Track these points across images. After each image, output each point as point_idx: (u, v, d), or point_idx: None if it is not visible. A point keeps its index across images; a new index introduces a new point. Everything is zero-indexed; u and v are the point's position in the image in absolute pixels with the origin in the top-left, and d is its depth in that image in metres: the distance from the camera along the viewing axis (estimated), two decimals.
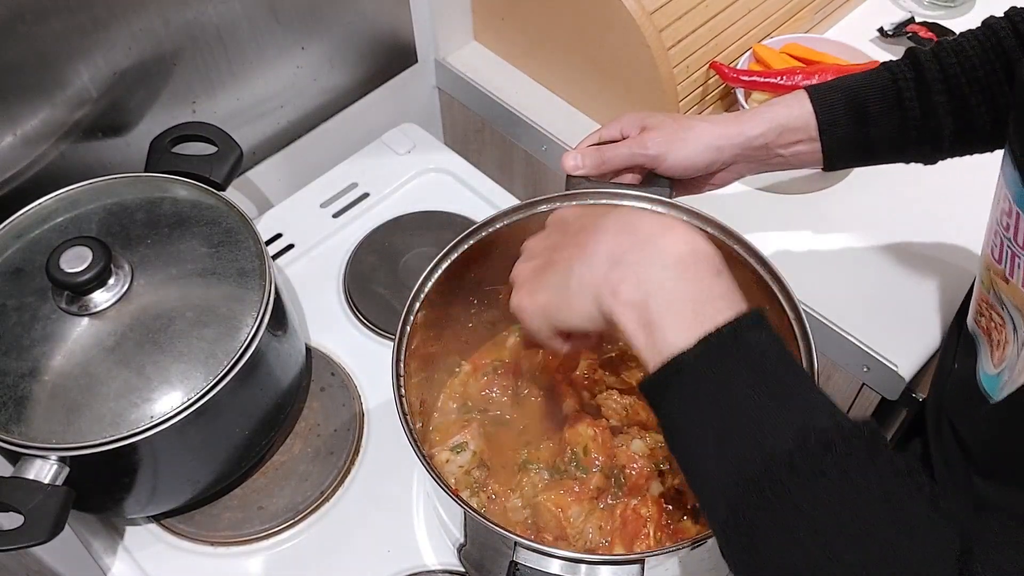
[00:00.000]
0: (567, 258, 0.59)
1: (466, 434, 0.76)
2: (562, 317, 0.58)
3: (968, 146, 0.77)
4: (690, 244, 0.54)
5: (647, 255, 0.54)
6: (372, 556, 0.79)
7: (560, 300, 0.58)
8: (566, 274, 0.58)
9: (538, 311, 0.60)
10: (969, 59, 0.73)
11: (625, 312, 0.53)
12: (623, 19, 0.98)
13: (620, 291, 0.54)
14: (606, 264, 0.55)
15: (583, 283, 0.56)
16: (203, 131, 0.87)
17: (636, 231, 0.56)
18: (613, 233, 0.57)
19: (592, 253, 0.57)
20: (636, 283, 0.53)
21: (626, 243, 0.56)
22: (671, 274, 0.53)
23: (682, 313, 0.52)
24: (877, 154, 0.78)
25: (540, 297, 0.60)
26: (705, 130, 0.77)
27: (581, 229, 0.60)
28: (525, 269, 0.63)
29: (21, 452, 0.69)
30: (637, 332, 0.53)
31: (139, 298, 0.74)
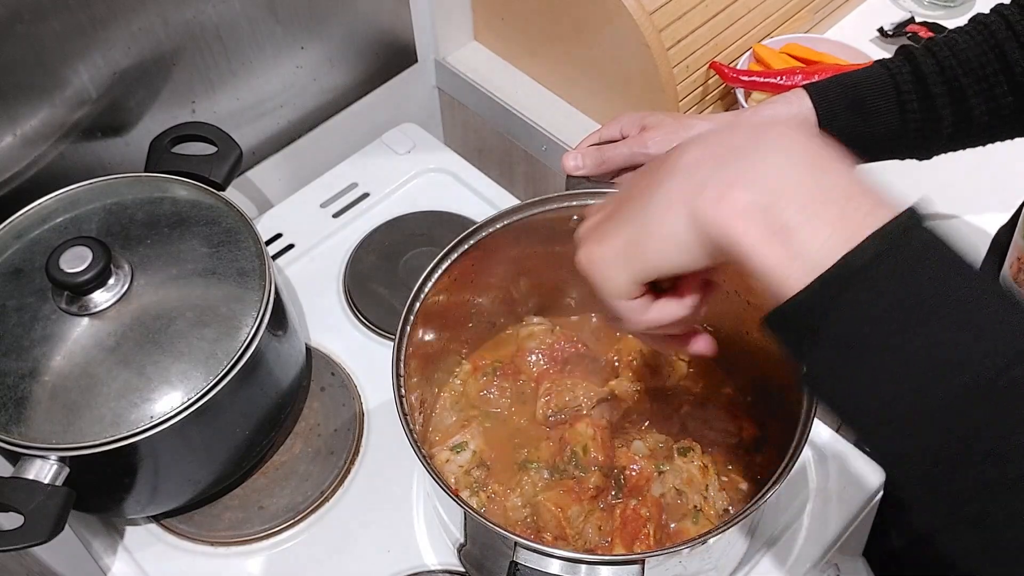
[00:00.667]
0: (640, 191, 0.47)
1: (466, 434, 0.76)
2: (646, 254, 0.46)
3: (965, 139, 0.77)
4: (805, 132, 0.44)
5: (757, 151, 0.43)
6: (372, 556, 0.79)
7: (641, 232, 0.46)
8: (644, 202, 0.46)
9: (614, 257, 0.47)
10: (963, 51, 0.74)
11: (741, 222, 0.42)
12: (623, 19, 0.98)
13: (730, 196, 0.42)
14: (702, 173, 0.44)
15: (672, 202, 0.44)
16: (203, 131, 0.87)
17: (731, 132, 0.45)
18: (698, 144, 0.45)
19: (679, 168, 0.45)
20: (752, 182, 0.42)
21: (720, 145, 0.45)
22: (798, 165, 0.42)
23: (826, 211, 0.41)
24: (876, 149, 0.78)
25: (614, 240, 0.47)
26: (705, 128, 0.77)
27: (652, 167, 0.48)
28: (588, 225, 0.51)
29: (21, 452, 0.69)
30: (764, 244, 0.41)
31: (139, 298, 0.74)
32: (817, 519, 0.79)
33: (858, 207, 0.41)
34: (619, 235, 0.47)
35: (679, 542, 0.60)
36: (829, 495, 0.80)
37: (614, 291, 0.48)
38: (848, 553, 0.83)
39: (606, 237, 0.48)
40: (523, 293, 0.82)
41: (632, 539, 0.69)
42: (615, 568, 0.57)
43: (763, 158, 0.43)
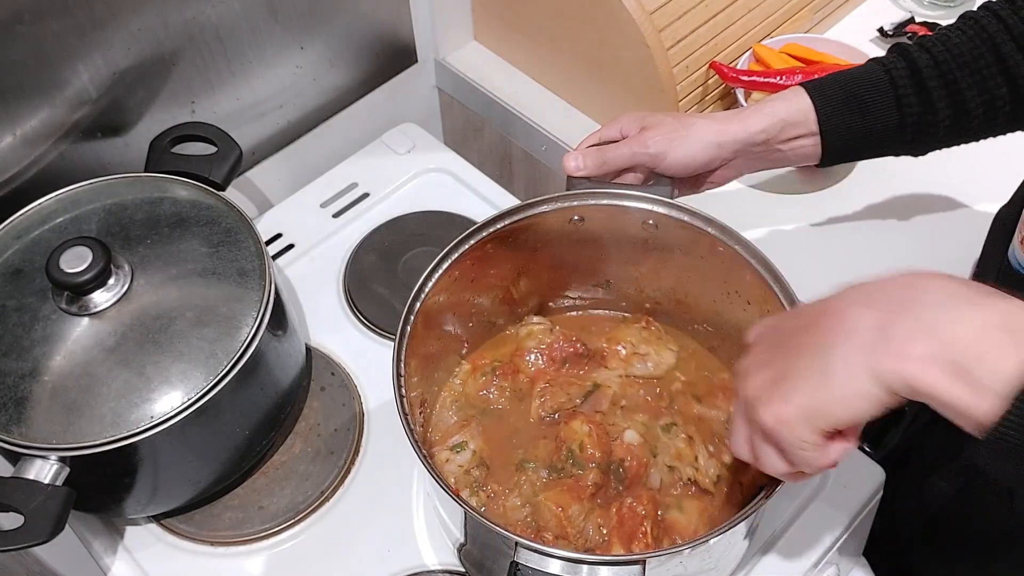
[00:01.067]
0: (814, 347, 0.51)
1: (465, 433, 0.76)
2: (835, 412, 0.50)
3: (961, 134, 0.78)
4: (951, 277, 0.48)
5: (918, 304, 0.47)
6: (372, 556, 0.79)
7: (824, 391, 0.50)
8: (823, 361, 0.50)
9: (801, 416, 0.51)
10: (956, 46, 0.75)
11: (926, 369, 0.46)
12: (623, 19, 0.98)
13: (910, 350, 0.46)
14: (872, 332, 0.48)
15: (850, 362, 0.48)
16: (203, 131, 0.87)
17: (887, 289, 0.49)
18: (864, 303, 0.50)
19: (850, 329, 0.49)
20: (926, 333, 0.46)
21: (883, 304, 0.49)
22: (959, 310, 0.46)
23: (997, 341, 0.45)
24: (874, 145, 0.79)
25: (799, 399, 0.51)
26: (705, 127, 0.77)
27: (810, 321, 0.53)
28: (759, 382, 0.54)
29: (21, 452, 0.69)
30: (950, 386, 0.45)
31: (139, 298, 0.74)
32: (817, 519, 0.79)
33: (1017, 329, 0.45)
34: (801, 395, 0.51)
35: (680, 543, 0.60)
36: (829, 495, 0.80)
37: (802, 445, 0.52)
38: (848, 553, 0.83)
39: (788, 399, 0.52)
40: (523, 293, 0.82)
41: (630, 537, 0.69)
42: (616, 568, 0.57)
43: (926, 309, 0.47)
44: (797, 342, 0.52)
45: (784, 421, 0.52)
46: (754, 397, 0.54)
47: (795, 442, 0.52)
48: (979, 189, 0.98)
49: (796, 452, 0.52)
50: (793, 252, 0.96)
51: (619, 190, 0.75)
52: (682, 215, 0.73)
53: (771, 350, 0.55)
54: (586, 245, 0.79)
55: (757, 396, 0.54)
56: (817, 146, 0.78)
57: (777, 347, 0.54)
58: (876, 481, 0.81)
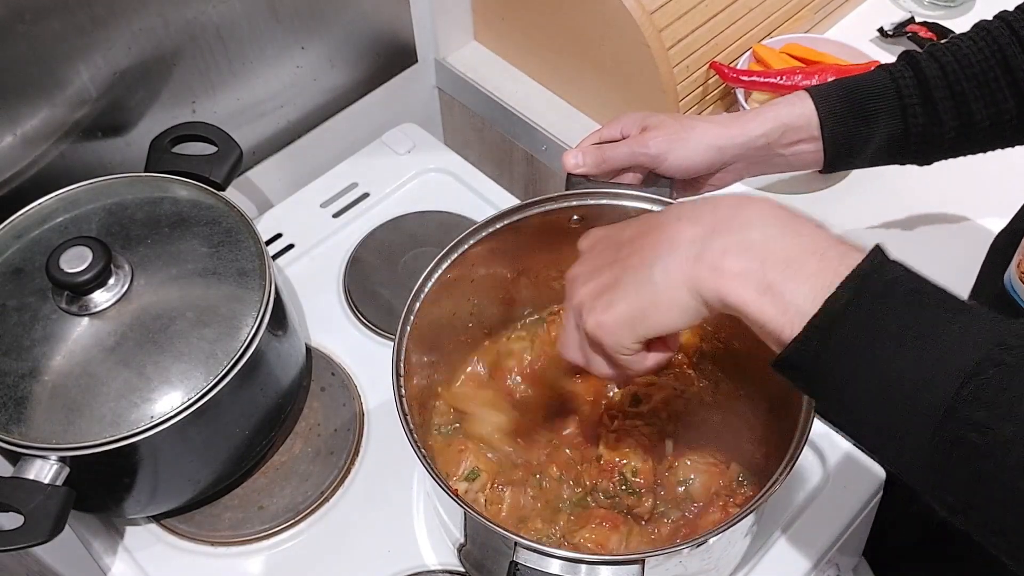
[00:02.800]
0: (638, 261, 0.53)
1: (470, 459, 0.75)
2: (653, 320, 0.52)
3: (967, 145, 0.77)
4: (775, 204, 0.50)
5: (739, 223, 0.50)
6: (372, 556, 0.79)
7: (646, 302, 0.52)
8: (646, 272, 0.52)
9: (621, 322, 0.54)
10: (965, 56, 0.74)
11: (737, 284, 0.48)
12: (623, 19, 0.98)
13: (724, 265, 0.49)
14: (695, 246, 0.50)
15: (671, 274, 0.51)
16: (203, 131, 0.87)
17: (715, 208, 0.51)
18: (688, 220, 0.52)
19: (672, 242, 0.51)
20: (740, 251, 0.49)
21: (707, 221, 0.51)
22: (776, 231, 0.49)
23: (805, 266, 0.47)
24: (877, 154, 0.78)
25: (620, 307, 0.54)
26: (706, 130, 0.77)
27: (637, 234, 0.55)
28: (587, 290, 0.56)
29: (21, 452, 0.69)
30: (757, 300, 0.48)
31: (139, 298, 0.74)
32: (817, 519, 0.79)
33: (832, 256, 0.47)
34: (624, 304, 0.53)
35: (679, 543, 0.60)
36: (829, 495, 0.80)
37: (622, 350, 0.55)
38: (848, 553, 0.83)
39: (612, 306, 0.54)
40: (523, 293, 0.82)
41: None
42: (615, 568, 0.57)
43: (746, 229, 0.49)
44: (626, 254, 0.54)
45: (605, 327, 0.54)
46: (581, 304, 0.56)
47: (616, 347, 0.54)
48: (980, 193, 0.98)
49: (618, 356, 0.55)
50: None
51: (619, 190, 0.75)
52: None
53: (600, 259, 0.57)
54: None
55: (584, 303, 0.56)
56: (819, 152, 0.77)
57: (606, 257, 0.56)
58: (876, 481, 0.81)
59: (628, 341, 0.54)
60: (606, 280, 0.55)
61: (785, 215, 0.50)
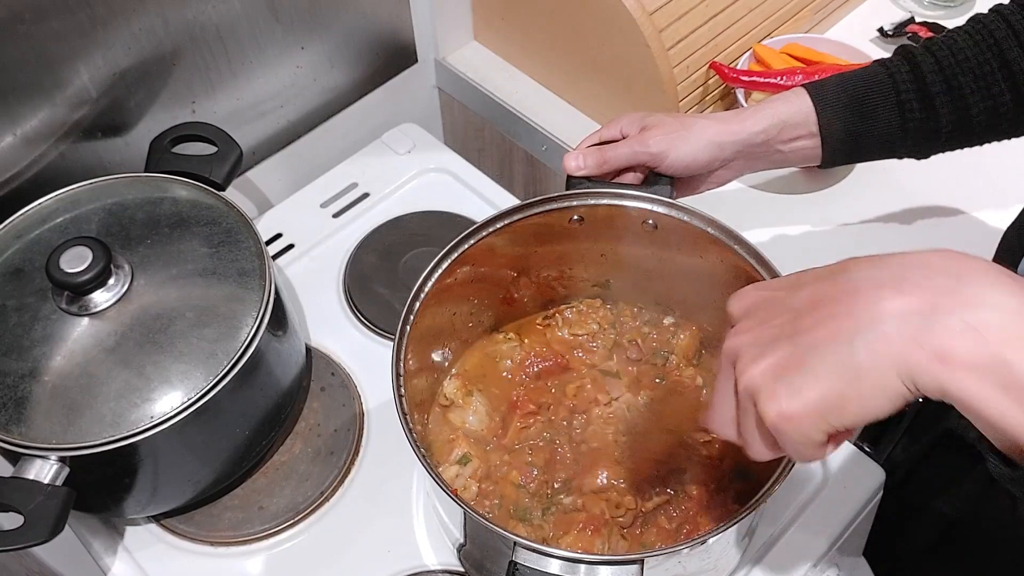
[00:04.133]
0: (830, 334, 0.44)
1: (461, 444, 0.75)
2: (854, 410, 0.43)
3: (963, 139, 0.77)
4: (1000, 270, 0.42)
5: (966, 297, 0.41)
6: (372, 556, 0.79)
7: (845, 388, 0.43)
8: (844, 352, 0.43)
9: (812, 411, 0.44)
10: (962, 51, 0.74)
11: (972, 378, 0.40)
12: (623, 19, 0.98)
13: (954, 351, 0.40)
14: (906, 321, 0.41)
15: (879, 357, 0.42)
16: (203, 131, 0.87)
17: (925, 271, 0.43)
18: (892, 287, 0.43)
19: (876, 315, 0.43)
20: (973, 333, 0.40)
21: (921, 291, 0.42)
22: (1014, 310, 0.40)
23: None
24: (875, 148, 0.78)
25: (811, 394, 0.44)
26: (706, 127, 0.77)
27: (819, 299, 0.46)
28: (764, 370, 0.46)
29: (21, 452, 0.69)
30: (997, 399, 0.39)
31: (139, 298, 0.74)
32: (817, 519, 0.79)
33: None
34: (817, 389, 0.44)
35: (679, 542, 0.60)
36: (829, 495, 0.80)
37: (805, 445, 0.46)
38: (848, 553, 0.83)
39: (801, 392, 0.45)
40: (523, 293, 0.82)
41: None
42: (615, 568, 0.57)
43: (978, 306, 0.41)
44: (808, 325, 0.45)
45: (791, 418, 0.45)
46: (756, 387, 0.47)
47: (800, 439, 0.45)
48: (981, 188, 0.98)
49: (793, 447, 0.47)
50: (793, 252, 0.96)
51: (619, 190, 0.75)
52: (682, 215, 0.73)
53: (772, 329, 0.48)
54: (586, 245, 0.79)
55: (761, 385, 0.46)
56: (817, 148, 0.78)
57: (779, 326, 0.47)
58: (876, 481, 0.81)
59: (817, 434, 0.45)
60: (787, 356, 0.46)
61: (1017, 286, 0.41)
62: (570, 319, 0.84)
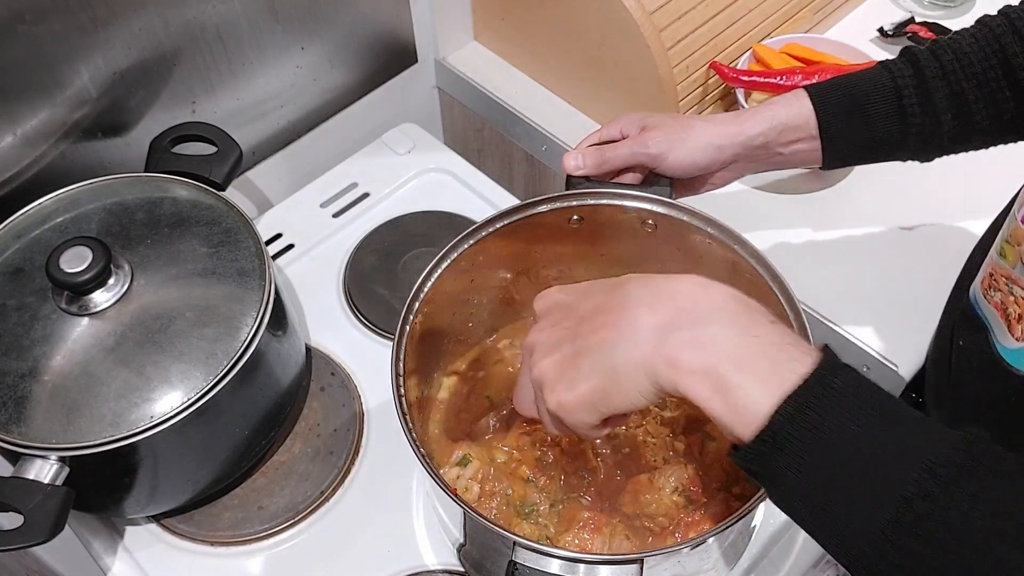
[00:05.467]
0: (599, 340, 0.54)
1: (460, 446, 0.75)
2: (612, 402, 0.54)
3: (966, 143, 0.77)
4: (732, 295, 0.52)
5: (697, 317, 0.51)
6: (372, 556, 0.79)
7: (607, 385, 0.54)
8: (607, 356, 0.53)
9: (583, 403, 0.55)
10: (966, 55, 0.74)
11: (693, 381, 0.50)
12: (623, 19, 0.98)
13: (681, 360, 0.50)
14: (654, 336, 0.52)
15: (631, 361, 0.52)
16: (203, 131, 0.87)
17: (673, 296, 0.53)
18: (648, 304, 0.53)
19: (633, 328, 0.53)
20: (696, 348, 0.50)
21: (668, 310, 0.52)
22: (731, 331, 0.50)
23: (757, 369, 0.49)
24: (876, 152, 0.78)
25: (582, 387, 0.55)
26: (705, 129, 0.77)
27: (599, 308, 0.56)
28: (548, 365, 0.57)
29: (21, 452, 0.69)
30: (711, 399, 0.49)
31: (139, 298, 0.74)
32: None
33: (782, 361, 0.48)
34: (586, 384, 0.54)
35: (679, 542, 0.60)
36: None
37: (583, 426, 0.56)
38: None
39: (574, 386, 0.55)
40: (522, 293, 0.82)
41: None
42: (614, 567, 0.57)
43: (703, 324, 0.51)
44: (586, 331, 0.55)
45: (567, 407, 0.55)
46: (542, 378, 0.57)
47: (576, 423, 0.56)
48: (980, 191, 0.98)
49: (576, 427, 0.57)
50: (792, 252, 0.96)
51: (619, 190, 0.75)
52: (682, 215, 0.73)
53: (559, 331, 0.57)
54: (586, 245, 0.79)
55: (545, 378, 0.57)
56: (817, 150, 0.77)
57: (565, 329, 0.57)
58: None
59: (589, 418, 0.56)
60: (567, 355, 0.56)
61: (741, 309, 0.51)
62: None
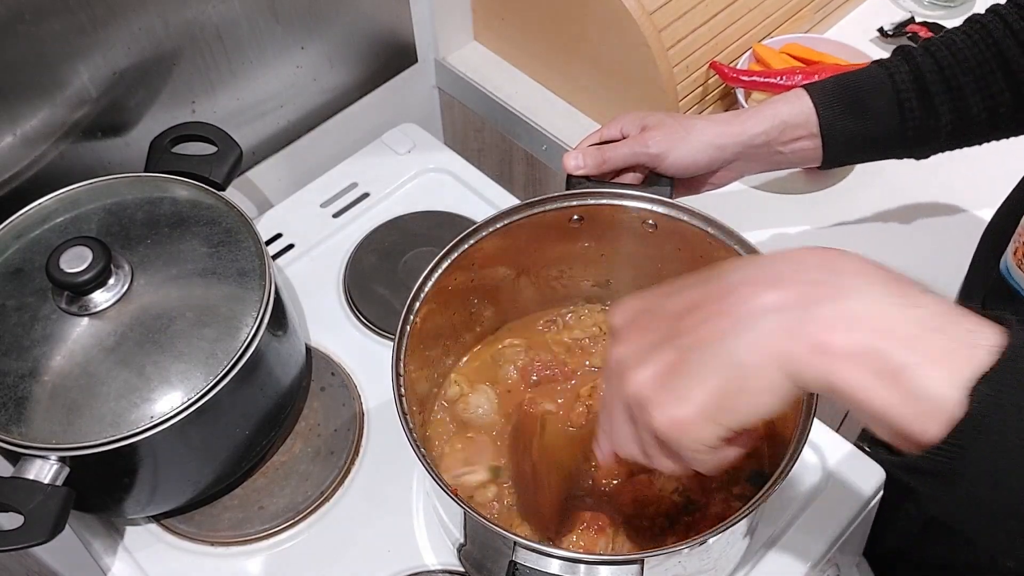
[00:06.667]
0: (710, 333, 0.44)
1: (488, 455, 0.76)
2: (739, 410, 0.43)
3: (964, 138, 0.77)
4: (870, 261, 0.43)
5: (838, 288, 0.41)
6: (372, 556, 0.79)
7: (732, 387, 0.43)
8: (725, 351, 0.43)
9: (701, 414, 0.44)
10: (960, 50, 0.74)
11: (849, 368, 0.40)
12: (623, 19, 0.98)
13: (832, 343, 0.40)
14: (786, 318, 0.42)
15: (759, 352, 0.42)
16: (203, 131, 0.87)
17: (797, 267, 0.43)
18: (766, 284, 0.43)
19: (753, 312, 0.43)
20: (849, 326, 0.40)
21: (796, 284, 0.42)
22: (887, 303, 0.41)
23: (932, 347, 0.39)
24: (875, 148, 0.79)
25: (697, 395, 0.44)
26: (706, 128, 0.77)
27: (696, 301, 0.46)
28: (646, 377, 0.45)
29: (21, 452, 0.69)
30: (876, 387, 0.40)
31: (139, 298, 0.74)
32: (817, 519, 0.79)
33: (958, 335, 0.39)
34: (703, 392, 0.44)
35: (679, 542, 0.60)
36: (829, 495, 0.80)
37: (701, 449, 0.45)
38: (848, 553, 0.83)
39: (687, 396, 0.44)
40: (523, 293, 0.82)
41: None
42: (614, 568, 0.57)
43: (849, 296, 0.41)
44: (688, 326, 0.45)
45: (681, 424, 0.44)
46: (640, 396, 0.46)
47: (694, 446, 0.45)
48: (980, 189, 0.98)
49: (695, 456, 0.46)
50: None
51: (619, 190, 0.75)
52: (682, 215, 0.73)
53: (650, 335, 0.47)
54: (586, 245, 0.79)
55: (644, 395, 0.45)
56: (818, 148, 0.78)
57: (658, 332, 0.46)
58: (876, 481, 0.81)
59: (710, 437, 0.44)
60: (668, 361, 0.45)
61: (888, 277, 0.42)
62: (570, 323, 0.84)
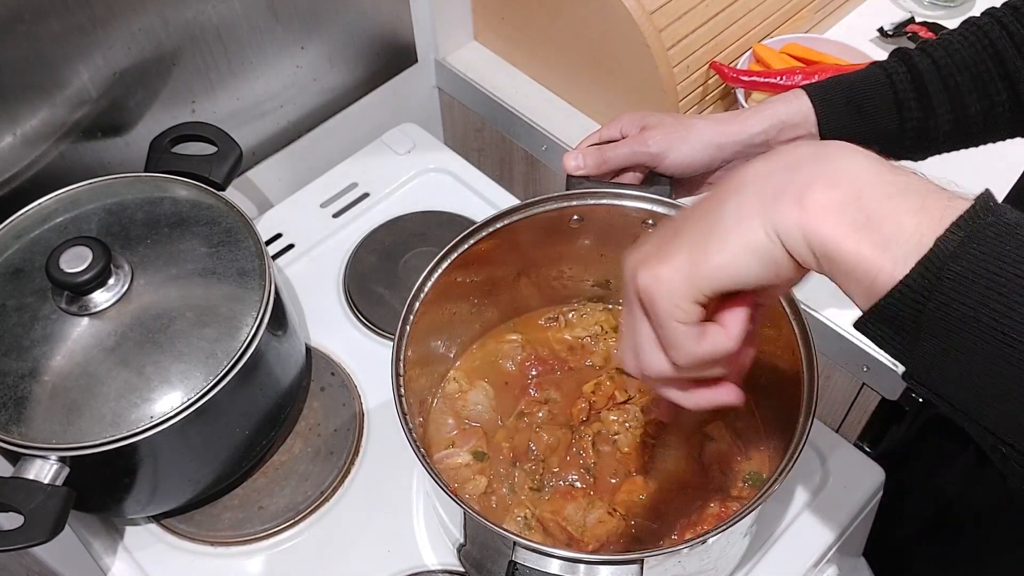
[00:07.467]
0: (702, 210, 0.46)
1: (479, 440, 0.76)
2: (716, 263, 0.44)
3: (961, 139, 0.78)
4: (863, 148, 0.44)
5: (824, 156, 0.43)
6: (372, 556, 0.79)
7: (709, 244, 0.44)
8: (713, 216, 0.44)
9: (680, 273, 0.45)
10: (957, 51, 0.74)
11: (829, 217, 0.41)
12: (623, 19, 0.98)
13: (812, 197, 0.41)
14: (773, 179, 0.43)
15: (743, 212, 0.43)
16: (203, 131, 0.87)
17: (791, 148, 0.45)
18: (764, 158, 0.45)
19: (744, 180, 0.44)
20: (830, 182, 0.42)
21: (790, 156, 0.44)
22: (869, 164, 0.42)
23: (908, 202, 0.40)
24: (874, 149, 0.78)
25: (679, 256, 0.45)
26: (706, 128, 0.77)
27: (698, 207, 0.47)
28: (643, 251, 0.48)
29: (21, 452, 0.69)
30: (852, 237, 0.40)
31: (139, 298, 0.74)
32: (817, 519, 0.79)
33: (936, 198, 0.41)
34: (684, 250, 0.45)
35: (679, 543, 0.61)
36: (829, 495, 0.80)
37: (676, 311, 0.45)
38: (848, 553, 0.83)
39: (670, 255, 0.45)
40: (523, 293, 0.82)
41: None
42: (614, 568, 0.57)
43: (836, 160, 0.43)
44: (690, 213, 0.47)
45: (659, 280, 0.45)
46: (635, 265, 0.47)
47: (670, 308, 0.45)
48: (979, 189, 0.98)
49: (670, 327, 0.46)
50: None
51: (619, 190, 0.75)
52: None
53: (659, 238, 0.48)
54: (586, 245, 0.79)
55: (639, 261, 0.47)
56: None
57: (668, 226, 0.48)
58: (876, 481, 0.81)
59: (685, 298, 0.45)
60: (667, 235, 0.47)
61: (874, 154, 0.43)
62: (572, 321, 0.84)
